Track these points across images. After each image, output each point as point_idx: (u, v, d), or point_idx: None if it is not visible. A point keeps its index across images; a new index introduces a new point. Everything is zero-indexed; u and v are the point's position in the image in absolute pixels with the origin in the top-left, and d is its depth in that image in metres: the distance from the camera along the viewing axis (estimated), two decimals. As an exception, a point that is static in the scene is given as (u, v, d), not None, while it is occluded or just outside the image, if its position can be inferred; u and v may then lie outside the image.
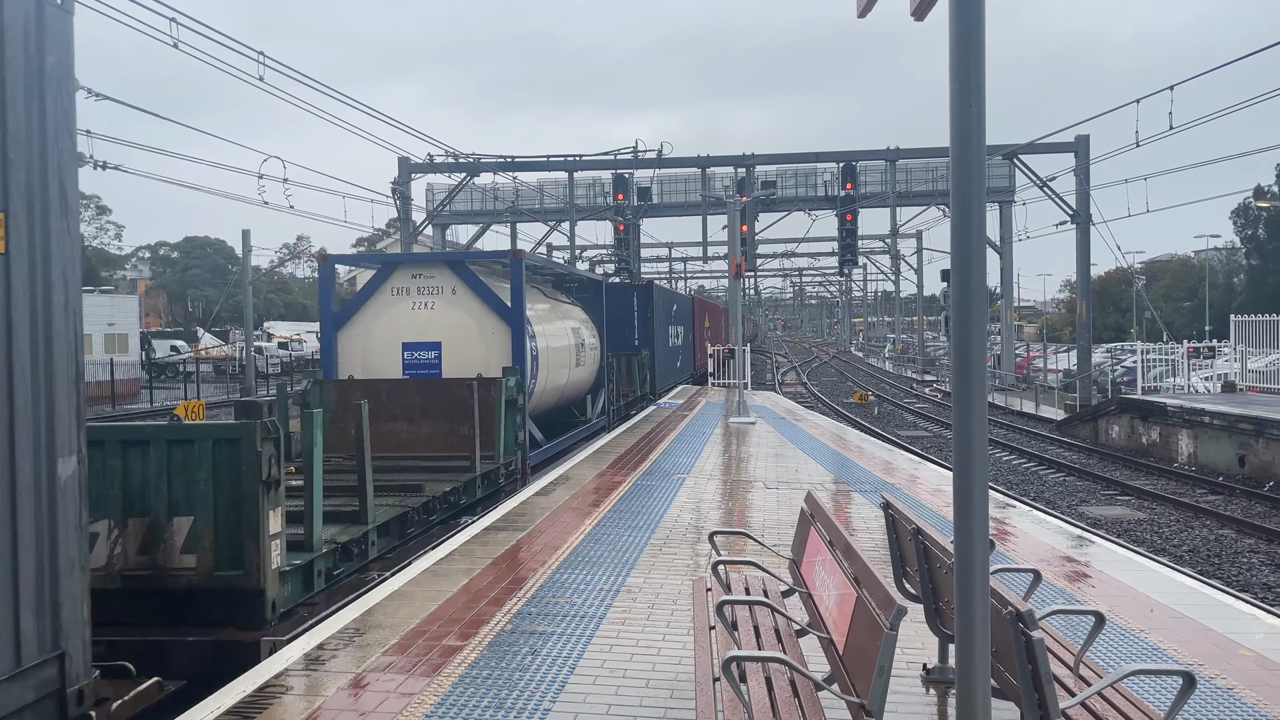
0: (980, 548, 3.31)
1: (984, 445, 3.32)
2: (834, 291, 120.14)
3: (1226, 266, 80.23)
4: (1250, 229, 69.72)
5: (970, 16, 3.22)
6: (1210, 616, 6.87)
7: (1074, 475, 20.40)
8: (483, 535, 9.48)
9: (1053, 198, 33.59)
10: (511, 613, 6.89)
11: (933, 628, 5.32)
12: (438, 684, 5.54)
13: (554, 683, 5.56)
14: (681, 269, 76.74)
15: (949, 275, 3.42)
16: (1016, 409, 34.01)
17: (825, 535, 5.09)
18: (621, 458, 15.12)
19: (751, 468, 14.08)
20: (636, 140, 45.29)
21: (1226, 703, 5.32)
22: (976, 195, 3.28)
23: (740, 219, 23.31)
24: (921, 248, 61.23)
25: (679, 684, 5.55)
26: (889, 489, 12.06)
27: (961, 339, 3.32)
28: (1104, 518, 15.85)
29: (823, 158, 39.86)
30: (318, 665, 5.86)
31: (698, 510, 10.75)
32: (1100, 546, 9.32)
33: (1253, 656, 6.05)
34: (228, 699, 5.37)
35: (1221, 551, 13.51)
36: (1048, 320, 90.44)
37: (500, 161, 37.45)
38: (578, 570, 8.08)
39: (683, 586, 7.58)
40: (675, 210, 45.38)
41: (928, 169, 42.66)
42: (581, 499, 11.47)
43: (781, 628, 5.05)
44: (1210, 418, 20.54)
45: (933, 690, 5.53)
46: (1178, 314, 71.79)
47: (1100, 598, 7.29)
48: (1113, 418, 25.08)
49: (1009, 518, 10.51)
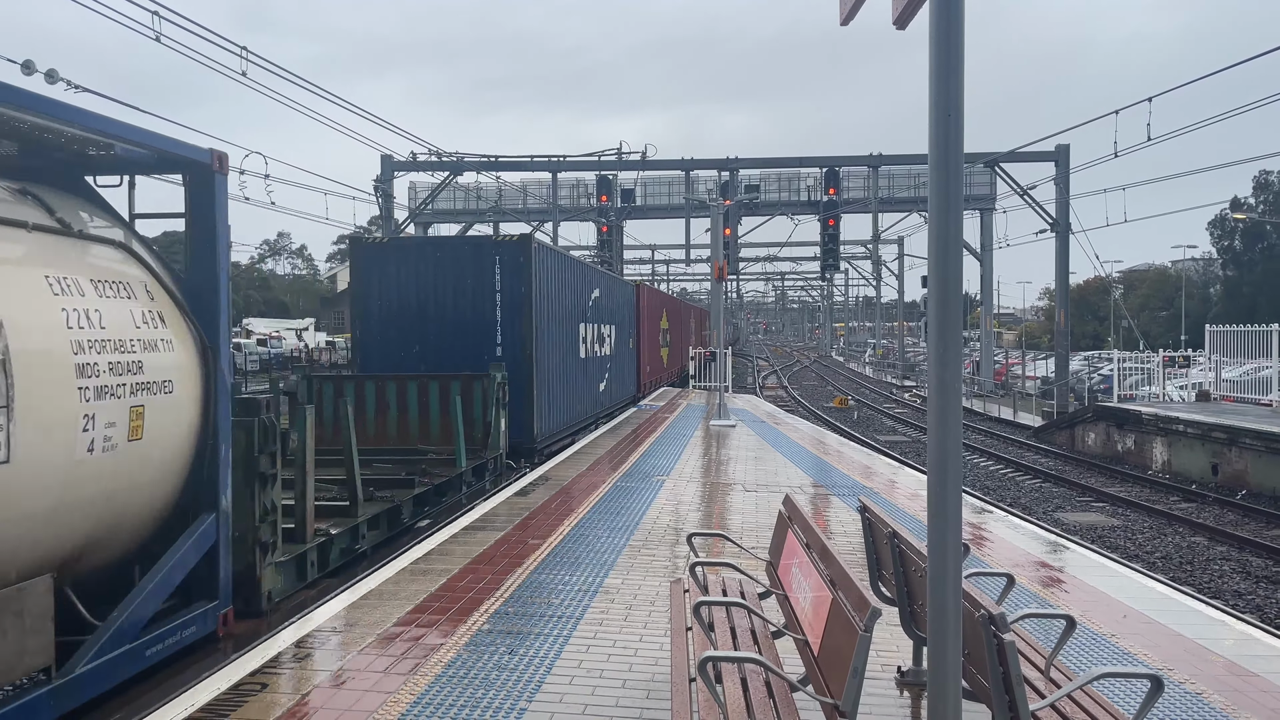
0: (954, 552, 3.34)
1: (958, 450, 3.36)
2: (816, 296, 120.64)
3: (1203, 277, 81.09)
4: (1227, 240, 70.50)
5: (950, 26, 3.26)
6: (1181, 622, 6.95)
7: (1050, 481, 20.56)
8: (462, 535, 9.47)
9: (1033, 206, 33.86)
10: (489, 612, 6.89)
11: (907, 630, 5.37)
12: (414, 683, 5.53)
13: (531, 682, 5.57)
14: (665, 271, 76.83)
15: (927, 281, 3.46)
16: (995, 415, 34.23)
17: (803, 538, 5.12)
18: (601, 459, 15.13)
19: (731, 470, 14.12)
20: (621, 142, 45.41)
21: (1195, 707, 5.39)
22: (954, 203, 3.32)
23: (723, 222, 23.36)
24: (903, 254, 61.63)
25: (655, 684, 5.57)
26: (867, 493, 12.13)
27: (938, 346, 3.36)
28: (1079, 524, 15.98)
29: (806, 163, 40.02)
30: (294, 663, 5.84)
31: (677, 512, 10.77)
32: (1074, 552, 9.41)
33: (1222, 662, 6.13)
34: (202, 696, 5.34)
35: (1194, 558, 13.65)
36: (1027, 327, 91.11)
37: (484, 161, 37.38)
38: (556, 570, 8.09)
39: (660, 588, 7.60)
40: (659, 213, 45.42)
41: (910, 175, 42.92)
42: (561, 500, 11.47)
43: (758, 629, 5.09)
44: (1184, 426, 20.76)
45: (906, 692, 5.57)
46: (1154, 323, 72.54)
47: (1073, 602, 7.37)
48: (1089, 425, 25.30)
49: (985, 523, 10.59)
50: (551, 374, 17.21)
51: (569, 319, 18.90)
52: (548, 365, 16.86)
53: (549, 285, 17.00)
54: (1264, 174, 67.56)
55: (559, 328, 17.83)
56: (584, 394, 20.45)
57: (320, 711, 5.14)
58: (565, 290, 18.51)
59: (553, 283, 17.34)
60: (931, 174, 3.33)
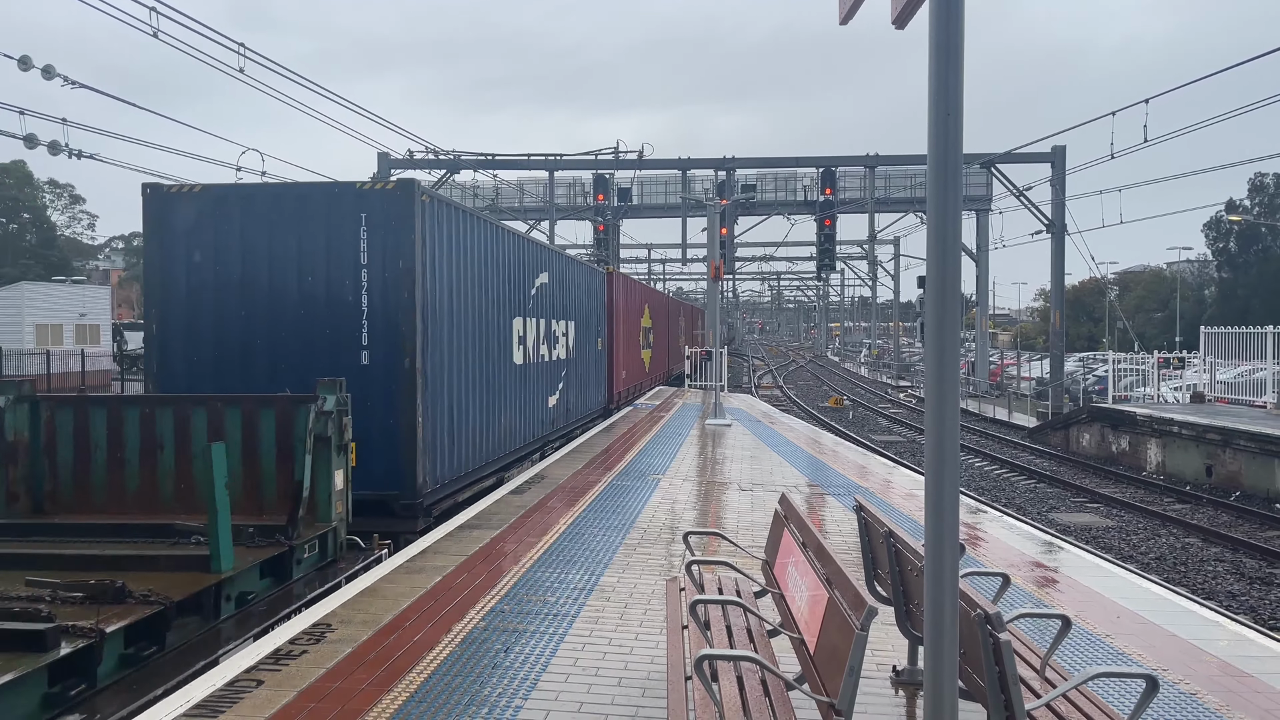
0: (950, 551, 3.35)
1: (955, 449, 3.36)
2: (811, 296, 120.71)
3: (1198, 279, 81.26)
4: (1222, 242, 70.69)
5: (950, 26, 3.26)
6: (1175, 623, 6.97)
7: (1045, 482, 20.60)
8: (457, 533, 9.47)
9: (1029, 207, 33.93)
10: (485, 610, 6.89)
11: (903, 630, 5.38)
12: (409, 680, 5.53)
13: (526, 680, 5.57)
14: (661, 270, 76.89)
15: (925, 282, 3.47)
16: (990, 416, 34.28)
17: (799, 537, 5.13)
18: (597, 457, 15.13)
19: (727, 470, 14.13)
20: (618, 141, 45.39)
21: (1189, 707, 5.41)
22: (953, 203, 3.32)
23: (720, 222, 23.37)
24: (899, 254, 61.70)
25: (651, 682, 5.58)
26: (862, 493, 12.14)
27: (936, 346, 3.37)
28: (1073, 524, 16.02)
29: (802, 163, 40.07)
30: (289, 659, 5.84)
31: (672, 511, 10.77)
32: (1069, 552, 9.43)
33: (1216, 663, 6.15)
34: (198, 692, 5.34)
35: (1188, 559, 13.69)
36: (1022, 328, 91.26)
37: (481, 159, 37.37)
38: (552, 569, 8.09)
39: (656, 586, 7.60)
40: (655, 212, 45.43)
41: (906, 176, 42.97)
42: (556, 498, 11.47)
43: (754, 627, 5.09)
44: (1179, 428, 20.80)
45: (902, 691, 5.58)
46: (1149, 324, 72.66)
47: (1068, 602, 7.38)
48: (1084, 426, 25.35)
49: (980, 523, 10.61)
50: (456, 389, 11.89)
51: (494, 311, 13.72)
52: (448, 377, 11.57)
53: (453, 258, 11.80)
54: (1259, 176, 67.78)
55: (473, 322, 12.66)
56: (520, 415, 15.17)
57: (314, 708, 5.13)
58: (488, 269, 13.36)
59: (461, 256, 12.12)
60: (930, 174, 3.33)
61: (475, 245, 12.81)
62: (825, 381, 57.76)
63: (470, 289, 12.54)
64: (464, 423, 12.22)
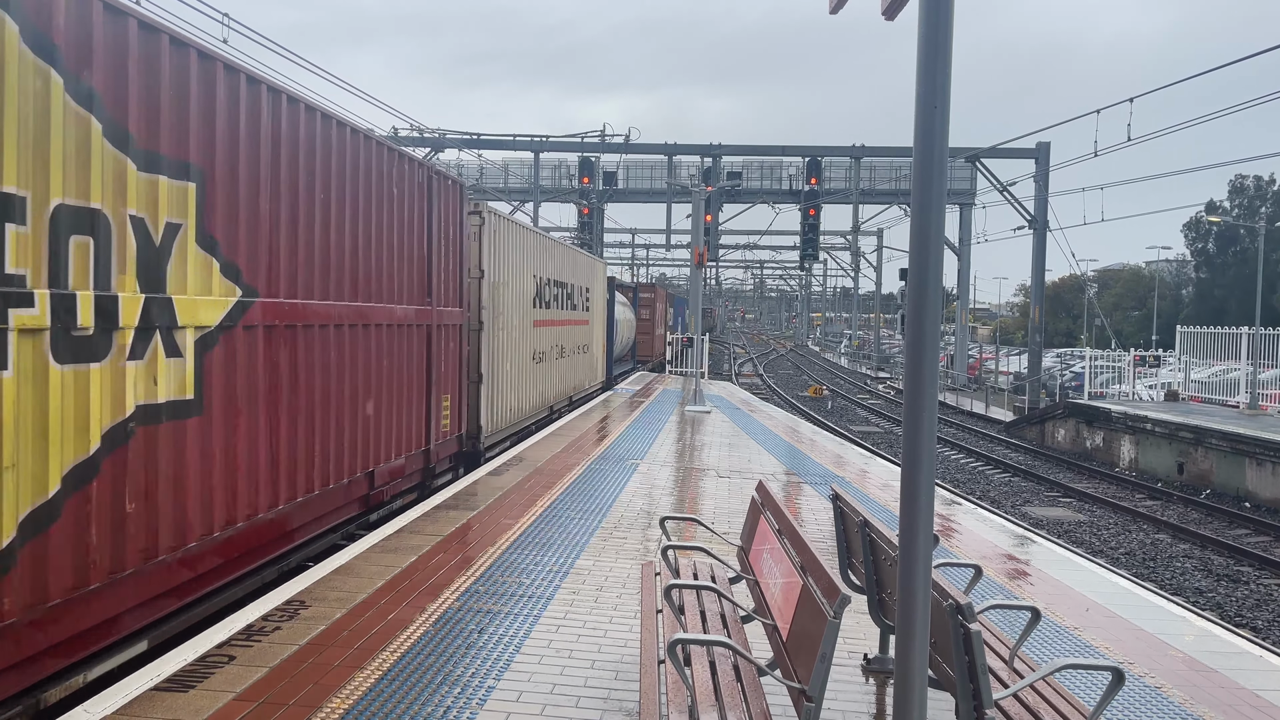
0: (924, 542, 3.38)
1: (932, 443, 3.39)
2: (794, 285, 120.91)
3: (1176, 278, 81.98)
4: (1201, 242, 71.27)
5: (939, 19, 3.27)
6: (1143, 617, 7.07)
7: (1019, 476, 20.78)
8: (433, 513, 9.46)
9: (1012, 203, 34.07)
10: (460, 590, 6.90)
11: (875, 618, 5.43)
12: (382, 659, 5.53)
13: (500, 661, 5.58)
14: (645, 256, 76.80)
15: (906, 274, 3.49)
16: (967, 409, 34.51)
17: (774, 524, 5.16)
18: (575, 441, 15.14)
19: (705, 456, 14.17)
20: (604, 124, 45.15)
21: (1154, 700, 5.49)
22: (937, 197, 3.34)
23: (705, 208, 23.36)
24: (882, 245, 61.83)
25: (624, 665, 5.60)
26: (839, 482, 12.21)
27: (915, 338, 3.39)
28: (1046, 518, 16.18)
29: (789, 151, 40.06)
30: (261, 636, 5.83)
31: (650, 496, 10.80)
32: (1041, 546, 9.53)
33: (1182, 657, 6.24)
34: (168, 666, 5.32)
35: (1157, 555, 13.86)
36: (1001, 323, 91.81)
37: (466, 138, 37.15)
38: (528, 551, 8.10)
39: (632, 570, 7.63)
40: (640, 196, 45.36)
41: (891, 168, 43.09)
42: (534, 480, 11.47)
43: (727, 613, 5.12)
44: (1153, 425, 21.03)
45: (872, 679, 5.63)
46: (1127, 322, 73.32)
47: (1038, 595, 7.47)
48: (1059, 421, 25.57)
49: (954, 515, 10.70)
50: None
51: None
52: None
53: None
54: (1240, 178, 68.33)
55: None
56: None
57: (284, 684, 5.13)
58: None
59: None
60: (915, 167, 3.35)
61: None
62: (805, 371, 57.95)
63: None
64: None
